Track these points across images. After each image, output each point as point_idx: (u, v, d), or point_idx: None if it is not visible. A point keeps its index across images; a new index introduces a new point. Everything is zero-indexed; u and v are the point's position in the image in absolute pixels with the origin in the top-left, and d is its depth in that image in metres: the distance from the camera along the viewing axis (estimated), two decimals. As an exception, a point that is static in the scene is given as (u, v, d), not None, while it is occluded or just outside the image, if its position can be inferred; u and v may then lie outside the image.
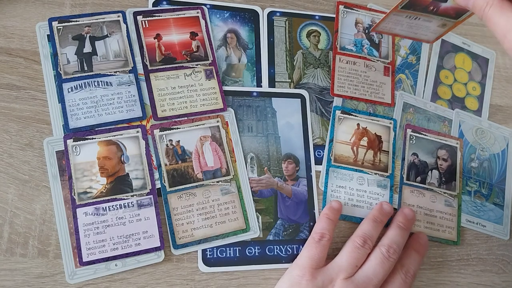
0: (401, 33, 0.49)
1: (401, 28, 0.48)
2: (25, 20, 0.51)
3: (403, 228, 0.49)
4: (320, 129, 0.55)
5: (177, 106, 0.51)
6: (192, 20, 0.54)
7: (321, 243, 0.47)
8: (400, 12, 0.45)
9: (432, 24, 0.47)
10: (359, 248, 0.46)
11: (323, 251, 0.47)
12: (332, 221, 0.49)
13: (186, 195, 0.48)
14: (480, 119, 0.61)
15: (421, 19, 0.46)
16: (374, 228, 0.48)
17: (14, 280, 0.44)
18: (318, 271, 0.45)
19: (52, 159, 0.47)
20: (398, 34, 0.50)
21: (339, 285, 0.44)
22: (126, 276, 0.46)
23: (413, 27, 0.48)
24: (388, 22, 0.47)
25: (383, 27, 0.49)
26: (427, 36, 0.49)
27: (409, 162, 0.56)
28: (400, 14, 0.46)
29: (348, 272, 0.45)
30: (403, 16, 0.46)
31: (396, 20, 0.47)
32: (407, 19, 0.46)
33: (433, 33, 0.49)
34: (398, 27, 0.48)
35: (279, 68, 0.56)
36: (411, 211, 0.51)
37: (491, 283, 0.55)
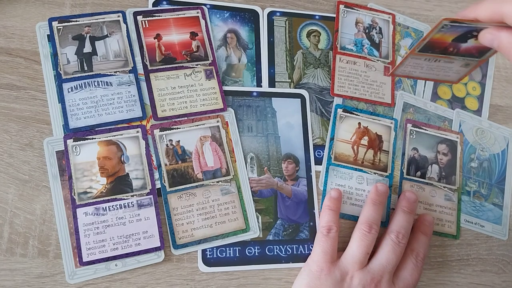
0: (422, 75, 0.47)
1: (421, 71, 0.46)
2: (25, 20, 0.51)
3: (407, 212, 0.50)
4: (320, 129, 0.55)
5: (177, 106, 0.51)
6: (192, 20, 0.54)
7: (330, 236, 0.48)
8: (419, 55, 0.44)
9: (454, 65, 0.45)
10: (366, 235, 0.47)
11: (334, 243, 0.48)
12: (335, 211, 0.50)
13: (186, 195, 0.48)
14: (480, 119, 0.61)
15: (441, 61, 0.44)
16: (375, 211, 0.49)
17: (14, 280, 0.44)
18: (333, 265, 0.46)
19: (52, 159, 0.47)
20: (419, 77, 0.48)
21: (357, 276, 0.46)
22: (126, 276, 0.46)
23: (434, 69, 0.46)
24: (406, 66, 0.45)
25: (402, 71, 0.47)
26: (450, 77, 0.47)
27: (409, 156, 0.56)
28: (418, 57, 0.44)
29: (362, 261, 0.47)
30: (422, 59, 0.44)
31: (415, 63, 0.45)
32: (427, 62, 0.44)
33: (456, 73, 0.46)
34: (418, 70, 0.46)
35: (279, 68, 0.56)
36: (413, 194, 0.52)
37: (491, 283, 0.55)
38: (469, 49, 0.42)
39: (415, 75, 0.47)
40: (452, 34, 0.40)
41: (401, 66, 0.46)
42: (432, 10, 0.63)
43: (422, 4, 0.63)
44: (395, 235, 0.48)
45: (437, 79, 0.48)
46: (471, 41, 0.41)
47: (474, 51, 0.43)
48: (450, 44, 0.42)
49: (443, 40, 0.41)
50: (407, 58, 0.44)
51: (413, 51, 0.43)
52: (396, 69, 0.47)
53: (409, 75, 0.48)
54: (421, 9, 0.63)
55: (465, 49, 0.42)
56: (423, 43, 0.42)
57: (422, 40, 0.41)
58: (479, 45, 0.40)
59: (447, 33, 0.40)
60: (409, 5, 0.63)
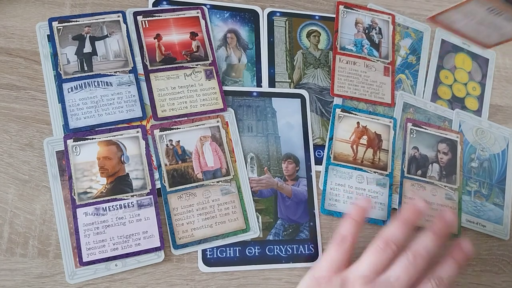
0: (462, 29, 0.42)
1: (467, 22, 0.41)
2: (25, 20, 0.51)
3: (436, 232, 0.43)
4: (320, 129, 0.55)
5: (177, 106, 0.51)
6: (192, 20, 0.54)
7: (342, 245, 0.44)
8: (489, 2, 0.39)
9: (510, 24, 0.41)
10: (379, 251, 0.42)
11: (343, 254, 0.43)
12: (357, 222, 0.44)
13: (186, 195, 0.48)
14: (480, 119, 0.61)
15: (503, 15, 0.40)
16: (400, 229, 0.43)
17: (14, 280, 0.44)
18: (337, 274, 0.42)
19: (52, 159, 0.47)
20: (457, 30, 0.42)
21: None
22: (126, 276, 0.46)
23: (484, 25, 0.41)
24: (460, 11, 0.40)
25: (447, 17, 0.41)
26: (489, 39, 0.42)
27: (410, 155, 0.56)
28: (487, 3, 0.39)
29: (367, 276, 0.41)
30: (486, 7, 0.39)
31: (471, 11, 0.40)
32: (487, 12, 0.40)
33: (500, 35, 0.42)
34: (465, 20, 0.41)
35: (279, 68, 0.56)
36: (451, 215, 0.44)
37: (491, 283, 0.55)
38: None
39: (455, 26, 0.42)
40: None
41: (454, 10, 0.41)
42: (432, 10, 0.63)
43: (422, 4, 0.63)
44: (412, 254, 0.41)
45: (475, 38, 0.43)
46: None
47: None
48: None
49: None
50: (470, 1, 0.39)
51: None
52: (445, 12, 0.41)
53: (449, 26, 0.42)
54: (421, 9, 0.63)
55: None
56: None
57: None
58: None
59: None
60: (408, 5, 0.63)
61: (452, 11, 0.42)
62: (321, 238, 0.51)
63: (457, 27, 0.43)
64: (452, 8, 0.41)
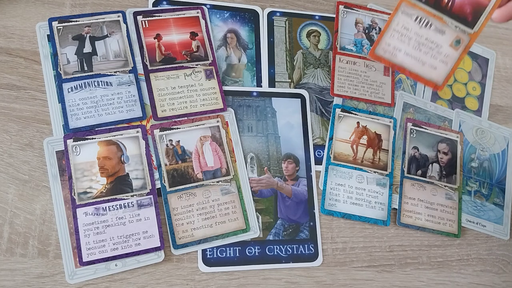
0: (405, 62, 0.42)
1: (406, 50, 0.42)
2: (25, 20, 0.51)
3: None
4: (320, 129, 0.55)
5: (177, 106, 0.51)
6: (192, 20, 0.54)
7: None
8: (410, 6, 0.40)
9: (444, 40, 0.41)
10: None
11: None
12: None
13: (186, 195, 0.48)
14: (480, 119, 0.61)
15: (432, 27, 0.41)
16: None
17: (14, 280, 0.44)
18: None
19: (52, 159, 0.47)
20: (400, 66, 0.42)
21: None
22: (126, 276, 0.46)
23: (423, 48, 0.41)
24: (393, 33, 0.41)
25: (385, 48, 0.42)
26: (436, 73, 0.42)
27: (410, 155, 0.56)
28: (409, 11, 0.40)
29: None
30: (413, 18, 0.40)
31: (403, 28, 0.41)
32: (417, 25, 0.41)
33: (443, 63, 0.42)
34: (403, 47, 0.42)
35: (279, 68, 0.56)
36: None
37: (491, 283, 0.55)
38: (463, 4, 0.40)
39: (398, 59, 0.42)
40: None
41: (387, 33, 0.42)
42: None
43: (422, 4, 0.63)
44: None
45: (422, 74, 0.43)
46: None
47: (469, 9, 0.40)
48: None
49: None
50: (397, 12, 0.41)
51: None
52: (381, 38, 0.42)
53: (392, 59, 0.42)
54: (421, 9, 0.63)
55: (460, 3, 0.40)
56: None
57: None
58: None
59: None
60: (409, 5, 0.63)
61: (386, 37, 0.41)
62: (321, 238, 0.51)
63: (399, 60, 0.42)
64: (383, 31, 0.41)
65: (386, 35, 0.42)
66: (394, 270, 0.52)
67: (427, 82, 0.43)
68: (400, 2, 0.41)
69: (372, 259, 0.52)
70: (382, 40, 0.42)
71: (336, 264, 0.51)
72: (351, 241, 0.52)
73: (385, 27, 0.42)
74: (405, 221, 0.54)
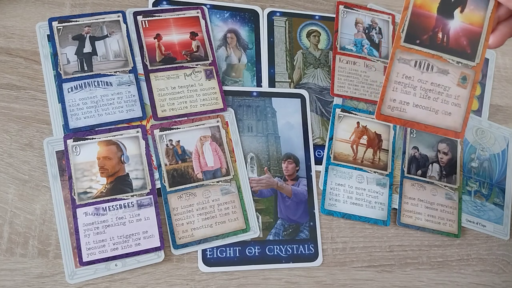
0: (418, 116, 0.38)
1: (415, 102, 0.38)
2: (25, 20, 0.51)
3: None
4: (320, 129, 0.55)
5: (177, 106, 0.51)
6: (192, 20, 0.54)
7: None
8: (406, 52, 0.38)
9: (449, 81, 0.38)
10: None
11: None
12: None
13: (186, 195, 0.48)
14: (480, 119, 0.61)
15: (434, 69, 0.38)
16: None
17: (14, 280, 0.44)
18: None
19: (52, 159, 0.47)
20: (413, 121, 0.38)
21: None
22: (126, 276, 0.46)
23: (430, 93, 0.38)
24: (395, 85, 0.38)
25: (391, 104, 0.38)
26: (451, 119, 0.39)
27: (410, 155, 0.56)
28: (407, 60, 0.38)
29: None
30: (412, 64, 0.38)
31: (404, 77, 0.38)
32: (418, 70, 0.38)
33: (456, 106, 0.39)
34: (410, 99, 0.38)
35: (279, 68, 0.56)
36: None
37: (491, 283, 0.55)
38: (458, 37, 0.38)
39: (408, 114, 0.38)
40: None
41: (389, 86, 0.38)
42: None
43: (422, 4, 0.63)
44: None
45: (438, 125, 0.39)
46: (458, 17, 0.38)
47: (465, 41, 0.39)
48: (437, 22, 0.38)
49: (427, 10, 0.38)
50: (394, 60, 0.38)
51: (398, 39, 0.37)
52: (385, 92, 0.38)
53: (401, 115, 0.38)
54: (421, 9, 0.63)
55: (454, 36, 0.39)
56: (407, 16, 0.37)
57: (405, 11, 0.37)
58: (467, 24, 0.37)
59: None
60: (409, 5, 0.63)
61: (388, 92, 0.38)
62: (321, 238, 0.51)
63: (410, 116, 0.38)
64: (384, 86, 0.37)
65: (388, 90, 0.38)
66: (394, 270, 0.52)
67: (446, 132, 0.39)
68: (394, 50, 0.38)
69: (372, 259, 0.52)
70: (386, 96, 0.38)
71: (336, 264, 0.51)
72: (351, 241, 0.52)
73: (384, 81, 0.39)
74: (405, 221, 0.54)
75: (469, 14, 0.39)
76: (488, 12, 0.39)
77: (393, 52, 0.38)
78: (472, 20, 0.39)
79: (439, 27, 0.38)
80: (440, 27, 0.38)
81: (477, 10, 0.39)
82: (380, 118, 0.38)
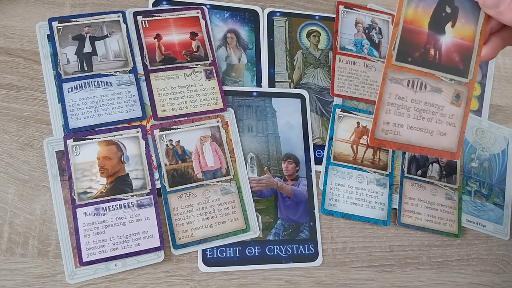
0: (412, 136, 0.37)
1: (409, 123, 0.37)
2: (25, 20, 0.51)
3: None
4: (320, 129, 0.55)
5: (177, 106, 0.51)
6: (192, 20, 0.54)
7: None
8: (397, 71, 0.37)
9: (443, 100, 0.38)
10: None
11: None
12: None
13: (186, 195, 0.48)
14: (480, 119, 0.61)
15: (427, 87, 0.37)
16: None
17: (14, 280, 0.44)
18: None
19: (52, 159, 0.47)
20: (409, 144, 0.38)
21: None
22: (126, 276, 0.46)
23: (424, 114, 0.37)
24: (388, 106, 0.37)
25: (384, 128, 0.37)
26: (447, 139, 0.38)
27: (410, 155, 0.56)
28: (398, 77, 0.37)
29: None
30: (404, 83, 0.37)
31: (397, 98, 0.37)
32: (410, 90, 0.37)
33: (450, 125, 0.38)
34: (403, 120, 0.37)
35: (279, 68, 0.56)
36: None
37: (491, 283, 0.55)
38: (450, 52, 0.38)
39: (403, 137, 0.37)
40: (425, 11, 0.36)
41: (382, 108, 0.36)
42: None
43: (422, 4, 0.63)
44: None
45: (433, 146, 0.38)
46: (449, 32, 0.37)
47: (457, 56, 0.38)
48: (429, 38, 0.37)
49: (418, 26, 0.37)
50: (385, 79, 0.36)
51: (390, 58, 0.36)
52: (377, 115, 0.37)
53: (395, 139, 0.37)
54: (421, 9, 0.63)
55: (446, 52, 0.38)
56: (398, 33, 0.36)
57: (395, 27, 0.36)
58: (458, 39, 0.37)
59: (419, 7, 0.36)
60: (409, 5, 0.63)
61: (381, 115, 0.36)
62: (321, 238, 0.51)
63: (404, 138, 0.37)
64: (377, 109, 0.36)
65: (381, 113, 0.37)
66: (394, 270, 0.52)
67: (441, 153, 0.39)
68: (386, 70, 0.37)
69: (372, 259, 0.52)
70: (379, 119, 0.37)
71: (336, 264, 0.51)
72: (351, 241, 0.52)
73: (377, 103, 0.37)
74: (405, 221, 0.54)
75: (460, 28, 0.38)
76: (479, 26, 0.38)
77: (385, 72, 0.37)
78: (463, 35, 0.38)
79: (430, 43, 0.37)
80: (432, 43, 0.37)
81: (468, 23, 0.38)
82: (374, 143, 0.37)
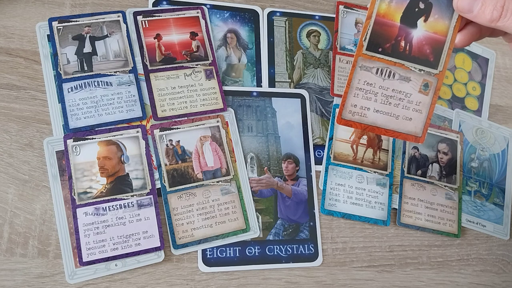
0: (379, 121, 0.39)
1: (376, 107, 0.39)
2: (25, 20, 0.51)
3: None
4: (320, 129, 0.55)
5: (177, 106, 0.51)
6: (192, 20, 0.54)
7: None
8: (368, 60, 0.38)
9: (411, 88, 0.39)
10: None
11: None
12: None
13: (186, 195, 0.48)
14: (480, 119, 0.61)
15: (396, 76, 0.39)
16: None
17: (14, 280, 0.44)
18: None
19: (52, 159, 0.47)
20: (375, 126, 0.39)
21: None
22: (126, 276, 0.46)
23: (391, 99, 0.39)
24: (356, 91, 0.38)
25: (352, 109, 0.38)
26: (412, 124, 0.39)
27: (410, 155, 0.56)
28: (368, 67, 0.38)
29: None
30: (373, 71, 0.38)
31: (365, 83, 0.38)
32: (379, 77, 0.38)
33: (417, 111, 0.39)
34: (371, 104, 0.39)
35: (279, 68, 0.56)
36: None
37: (491, 283, 0.55)
38: (421, 45, 0.38)
39: (369, 119, 0.39)
40: (398, 6, 0.37)
41: (350, 92, 0.38)
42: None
43: (422, 4, 0.63)
44: None
45: (398, 130, 0.39)
46: (421, 26, 0.38)
47: (428, 49, 0.39)
48: (400, 31, 0.38)
49: (391, 20, 0.38)
50: (356, 67, 0.38)
51: (360, 48, 0.37)
52: (346, 97, 0.38)
53: (361, 120, 0.39)
54: (421, 9, 0.63)
55: (417, 45, 0.38)
56: (369, 25, 0.37)
57: (367, 20, 0.37)
58: (431, 33, 0.37)
59: (393, 2, 0.37)
60: (409, 5, 0.63)
61: (349, 98, 0.38)
62: (321, 238, 0.51)
63: (370, 120, 0.39)
64: (345, 92, 0.38)
65: (349, 96, 0.39)
66: (394, 270, 0.52)
67: (406, 136, 0.40)
68: (356, 58, 0.38)
69: (372, 259, 0.52)
70: (347, 102, 0.39)
71: (336, 264, 0.51)
72: (351, 241, 0.52)
73: (346, 87, 0.39)
74: (405, 221, 0.54)
75: (433, 23, 0.38)
76: (452, 22, 0.38)
77: (355, 59, 0.38)
78: (436, 29, 0.39)
79: (402, 36, 0.38)
80: (403, 36, 0.38)
81: (442, 19, 0.38)
82: (341, 122, 0.39)
